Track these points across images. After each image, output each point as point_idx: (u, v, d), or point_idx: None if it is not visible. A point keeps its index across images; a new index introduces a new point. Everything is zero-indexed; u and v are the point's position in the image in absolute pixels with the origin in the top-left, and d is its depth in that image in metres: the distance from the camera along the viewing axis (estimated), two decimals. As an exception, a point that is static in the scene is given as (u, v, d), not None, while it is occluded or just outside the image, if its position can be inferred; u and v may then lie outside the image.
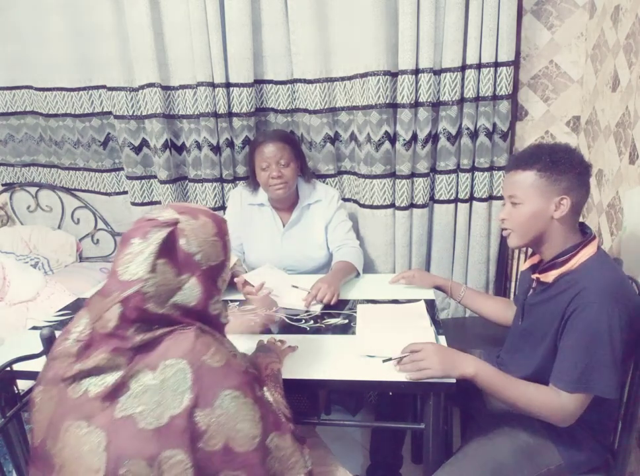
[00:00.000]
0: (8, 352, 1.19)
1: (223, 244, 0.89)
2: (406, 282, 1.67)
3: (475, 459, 1.19)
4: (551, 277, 1.19)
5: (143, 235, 0.80)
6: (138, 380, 0.75)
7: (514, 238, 1.23)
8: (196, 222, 0.85)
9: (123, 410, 0.74)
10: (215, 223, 0.88)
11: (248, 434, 0.78)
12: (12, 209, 2.57)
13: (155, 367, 0.76)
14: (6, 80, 2.32)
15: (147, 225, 0.82)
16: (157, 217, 0.83)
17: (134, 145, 2.15)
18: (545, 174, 1.14)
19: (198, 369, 0.76)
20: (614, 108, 1.61)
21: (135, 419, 0.73)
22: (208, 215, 0.89)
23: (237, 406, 0.78)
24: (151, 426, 0.73)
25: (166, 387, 0.74)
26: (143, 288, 0.77)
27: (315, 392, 1.27)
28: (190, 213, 0.86)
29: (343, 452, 1.86)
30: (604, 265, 1.15)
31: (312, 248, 1.87)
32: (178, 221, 0.83)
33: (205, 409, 0.75)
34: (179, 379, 0.75)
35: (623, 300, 1.08)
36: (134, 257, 0.79)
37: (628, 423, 1.21)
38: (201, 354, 0.78)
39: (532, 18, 1.89)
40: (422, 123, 1.86)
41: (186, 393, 0.74)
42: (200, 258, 0.83)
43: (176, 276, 0.81)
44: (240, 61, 1.91)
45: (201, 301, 0.83)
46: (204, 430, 0.74)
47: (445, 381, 1.12)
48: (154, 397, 0.74)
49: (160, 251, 0.79)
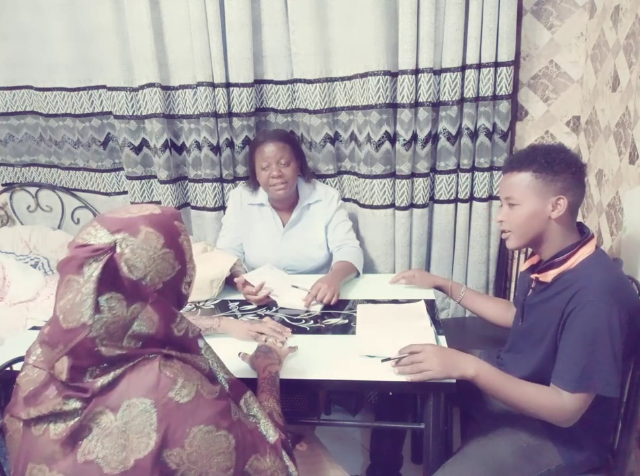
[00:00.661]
0: (8, 352, 1.19)
1: (177, 252, 0.78)
2: (406, 282, 1.68)
3: (475, 459, 1.19)
4: (549, 277, 1.19)
5: (77, 270, 0.71)
6: (99, 423, 0.70)
7: (512, 239, 1.23)
8: (136, 239, 0.74)
9: (86, 454, 0.69)
10: (162, 231, 0.77)
11: (222, 467, 0.74)
12: (12, 209, 2.57)
13: (116, 407, 0.70)
14: (6, 80, 2.32)
15: (80, 254, 0.72)
16: (88, 242, 0.73)
17: (134, 145, 2.15)
18: (540, 175, 1.15)
19: (163, 408, 0.71)
20: (614, 108, 1.61)
21: (99, 464, 0.69)
22: (151, 222, 0.76)
23: (208, 441, 0.73)
24: (115, 471, 0.69)
25: (130, 429, 0.69)
26: (90, 334, 0.70)
27: (315, 392, 1.27)
28: (126, 228, 0.74)
29: (343, 452, 1.86)
30: (602, 264, 1.16)
31: (312, 248, 1.87)
32: (115, 244, 0.72)
33: (175, 449, 0.70)
34: (144, 420, 0.70)
35: (621, 298, 1.08)
36: (72, 300, 0.71)
37: (628, 423, 1.21)
38: (167, 389, 0.72)
39: (532, 18, 1.89)
40: (422, 123, 1.86)
41: (151, 434, 0.69)
42: (149, 280, 0.74)
43: (126, 308, 0.72)
44: (240, 61, 1.91)
45: (162, 327, 0.76)
46: (174, 470, 0.71)
47: (445, 382, 1.12)
48: (118, 440, 0.69)
49: (101, 287, 0.70)
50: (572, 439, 1.19)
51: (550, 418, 1.12)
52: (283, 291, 1.61)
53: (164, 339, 0.77)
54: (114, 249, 0.72)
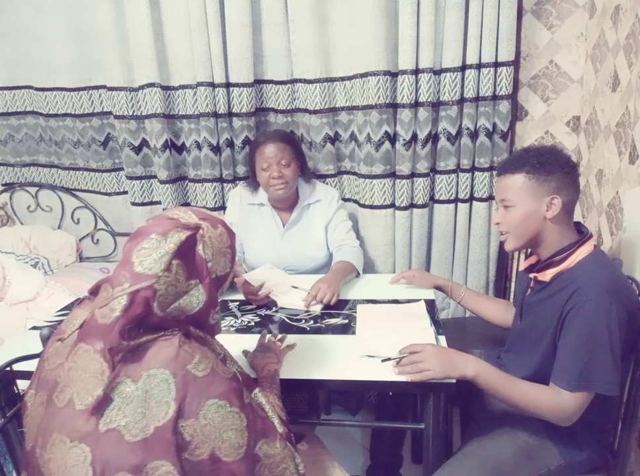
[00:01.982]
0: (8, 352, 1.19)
1: (232, 256, 0.90)
2: (406, 282, 1.68)
3: (475, 459, 1.19)
4: (548, 276, 1.20)
5: (164, 233, 0.80)
6: (121, 392, 0.74)
7: (510, 241, 1.24)
8: (215, 231, 0.86)
9: (108, 423, 0.72)
10: (229, 235, 0.90)
11: (234, 444, 0.77)
12: (12, 209, 2.57)
13: (137, 377, 0.74)
14: (6, 80, 2.32)
15: (169, 223, 0.82)
16: (179, 218, 0.84)
17: (134, 145, 2.15)
18: (534, 176, 1.16)
19: (181, 379, 0.75)
20: (614, 108, 1.61)
21: (121, 432, 0.72)
22: (224, 226, 0.90)
23: (221, 415, 0.76)
24: (136, 438, 0.72)
25: (150, 398, 0.73)
26: (155, 285, 0.76)
27: (315, 392, 1.27)
28: (209, 220, 0.87)
29: (343, 452, 1.86)
30: (601, 263, 1.16)
31: (312, 248, 1.87)
32: (200, 227, 0.84)
33: (189, 420, 0.74)
34: (163, 390, 0.74)
35: (620, 297, 1.09)
36: (151, 252, 0.78)
37: (628, 423, 1.21)
38: (185, 362, 0.76)
39: (532, 18, 1.89)
40: (422, 123, 1.86)
41: (170, 403, 0.73)
42: (211, 266, 0.84)
43: (186, 279, 0.80)
44: (240, 61, 1.91)
45: (204, 309, 0.83)
46: (189, 441, 0.73)
47: (445, 382, 1.12)
48: (138, 409, 0.73)
49: (178, 252, 0.79)
50: (572, 439, 1.20)
51: (550, 417, 1.12)
52: (283, 291, 1.60)
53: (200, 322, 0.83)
54: (198, 229, 0.83)
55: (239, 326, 1.46)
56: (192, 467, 0.74)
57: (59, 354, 0.81)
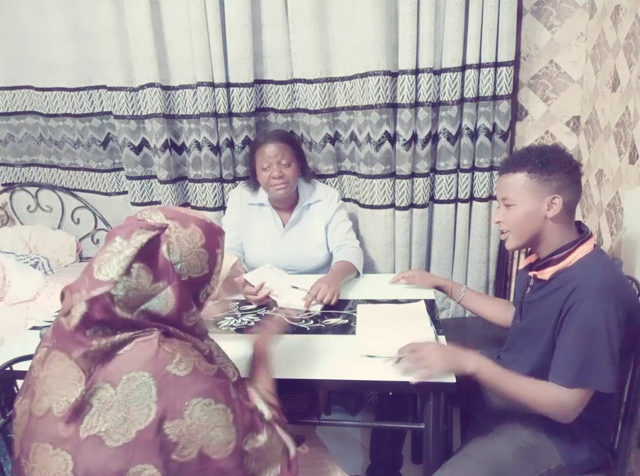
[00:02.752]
0: (8, 352, 1.19)
1: (211, 257, 0.84)
2: (406, 282, 1.67)
3: (475, 459, 1.19)
4: (547, 275, 1.20)
5: (127, 235, 0.78)
6: (100, 397, 0.73)
7: (511, 239, 1.24)
8: (185, 230, 0.81)
9: (89, 429, 0.72)
10: (206, 234, 0.84)
11: (222, 441, 0.76)
12: (12, 209, 2.57)
13: (116, 381, 0.73)
14: (6, 80, 2.32)
15: (135, 225, 0.79)
16: (146, 218, 0.81)
17: (134, 145, 2.15)
18: (535, 175, 1.16)
19: (162, 380, 0.74)
20: (614, 108, 1.61)
21: (102, 438, 0.71)
22: (201, 224, 0.84)
23: (207, 413, 0.75)
24: (118, 443, 0.71)
25: (131, 402, 0.72)
26: (112, 290, 0.74)
27: (315, 392, 1.27)
28: (180, 219, 0.82)
29: (343, 452, 1.86)
30: (601, 262, 1.16)
31: (312, 248, 1.87)
32: (166, 227, 0.80)
33: (174, 420, 0.73)
34: (143, 393, 0.73)
35: (619, 296, 1.09)
36: (112, 256, 0.76)
37: (628, 423, 1.21)
38: (165, 363, 0.75)
39: (532, 18, 1.89)
40: (422, 123, 1.86)
41: (151, 406, 0.72)
42: (180, 268, 0.80)
43: (151, 282, 0.77)
44: (240, 61, 1.91)
45: (174, 311, 0.80)
46: (175, 442, 0.72)
47: (445, 381, 1.12)
48: (119, 413, 0.72)
49: (139, 255, 0.76)
50: (572, 439, 1.19)
51: (549, 414, 1.12)
52: (283, 291, 1.60)
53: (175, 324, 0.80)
54: (164, 230, 0.80)
55: (239, 326, 1.46)
56: (179, 468, 0.73)
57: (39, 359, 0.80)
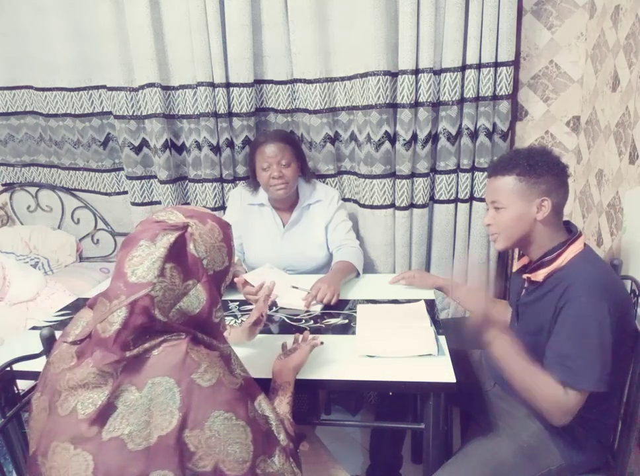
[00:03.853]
0: (8, 352, 1.19)
1: (228, 250, 0.88)
2: (406, 283, 1.68)
3: (475, 459, 1.19)
4: (540, 276, 1.20)
5: (152, 238, 0.79)
6: (125, 400, 0.73)
7: (500, 241, 1.26)
8: (204, 227, 0.84)
9: (111, 431, 0.72)
10: (222, 228, 0.87)
11: (239, 458, 0.76)
12: (12, 209, 2.57)
13: (141, 385, 0.73)
14: (6, 80, 2.32)
15: (156, 227, 0.80)
16: (165, 220, 0.82)
17: (134, 145, 2.15)
18: (524, 178, 1.17)
19: (186, 389, 0.74)
20: (614, 108, 1.61)
21: (124, 441, 0.71)
22: (215, 219, 0.88)
23: (227, 428, 0.75)
24: (139, 446, 0.71)
25: (155, 406, 0.72)
26: (151, 292, 0.75)
27: (315, 392, 1.27)
28: (198, 217, 0.85)
29: (343, 452, 1.86)
30: (591, 261, 1.17)
31: (312, 248, 1.87)
32: (188, 225, 0.82)
33: (195, 430, 0.73)
34: (167, 399, 0.73)
35: (611, 294, 1.09)
36: (143, 260, 0.77)
37: (628, 423, 1.21)
38: (191, 371, 0.75)
39: (532, 18, 1.89)
40: (422, 123, 1.86)
41: (174, 412, 0.72)
42: (206, 264, 0.82)
43: (182, 281, 0.79)
44: (240, 61, 1.91)
45: (206, 308, 0.81)
46: (193, 451, 0.72)
47: (445, 381, 1.12)
48: (142, 417, 0.72)
49: (169, 255, 0.78)
50: (572, 439, 1.20)
51: (546, 409, 1.11)
52: (283, 291, 1.60)
53: (201, 321, 0.81)
54: (186, 228, 0.81)
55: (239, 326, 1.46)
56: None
57: (63, 358, 0.80)
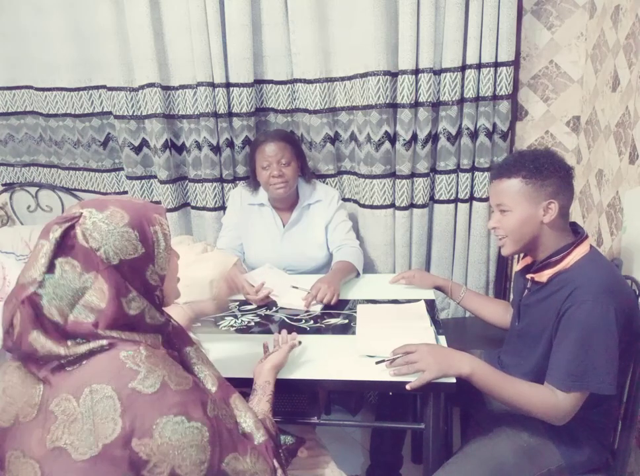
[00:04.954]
0: (8, 352, 1.19)
1: (142, 235, 0.79)
2: (406, 282, 1.68)
3: (475, 459, 1.19)
4: (545, 277, 1.20)
5: (45, 234, 0.76)
6: (64, 409, 0.71)
7: (508, 245, 1.24)
8: (101, 214, 0.77)
9: (54, 441, 0.70)
10: (130, 213, 0.79)
11: (195, 461, 0.73)
12: (12, 209, 2.57)
13: (77, 394, 0.71)
14: (6, 80, 2.31)
15: (51, 223, 0.77)
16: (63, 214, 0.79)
17: (134, 145, 2.14)
18: (530, 181, 1.16)
19: (127, 397, 0.71)
20: (614, 108, 1.61)
21: (68, 450, 0.69)
22: (123, 205, 0.80)
23: (179, 433, 0.72)
24: (84, 456, 0.69)
25: (95, 415, 0.70)
26: (37, 289, 0.73)
27: (315, 392, 1.27)
28: (97, 205, 0.79)
29: (343, 452, 1.86)
30: (598, 263, 1.16)
31: (312, 248, 1.87)
32: (80, 216, 0.77)
33: (144, 439, 0.70)
34: (107, 406, 0.70)
35: (618, 298, 1.09)
36: (33, 259, 0.75)
37: (628, 423, 1.21)
38: (129, 379, 0.72)
39: (532, 18, 1.89)
40: (422, 123, 1.86)
41: (117, 420, 0.70)
42: (103, 252, 0.75)
43: (79, 275, 0.74)
44: (240, 61, 1.91)
45: (111, 299, 0.75)
46: (146, 460, 0.70)
47: (445, 381, 1.12)
48: (84, 426, 0.70)
49: (59, 249, 0.74)
50: (572, 439, 1.20)
51: (544, 416, 1.12)
52: (283, 291, 1.61)
53: (115, 316, 0.76)
54: (77, 219, 0.76)
55: (239, 326, 1.46)
56: None
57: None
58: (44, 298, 0.73)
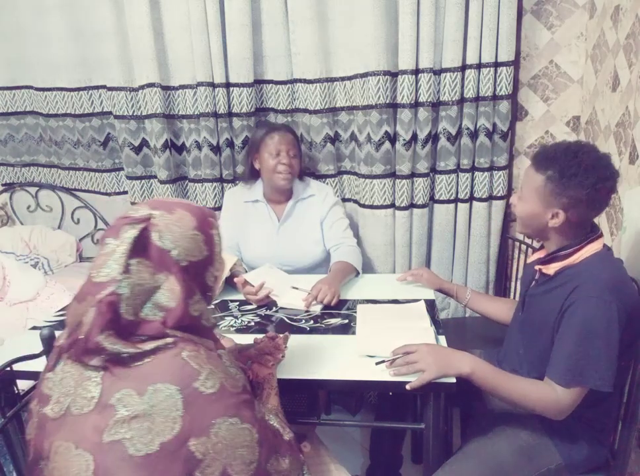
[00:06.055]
0: (8, 352, 1.19)
1: (207, 238, 0.83)
2: (413, 279, 1.67)
3: (475, 459, 1.19)
4: (552, 270, 1.20)
5: (116, 234, 0.77)
6: (126, 404, 0.71)
7: (518, 225, 1.30)
8: (172, 216, 0.80)
9: (112, 434, 0.70)
10: (195, 216, 0.83)
11: (246, 460, 0.75)
12: (12, 209, 2.57)
13: (142, 390, 0.72)
14: (6, 80, 2.32)
15: (121, 223, 0.78)
16: (131, 215, 0.80)
17: (134, 145, 2.15)
18: (551, 184, 1.13)
19: (188, 396, 0.72)
20: (614, 108, 1.61)
21: (124, 445, 0.70)
22: (187, 208, 0.83)
23: (233, 433, 0.74)
24: (140, 452, 0.69)
25: (157, 413, 0.71)
26: (117, 289, 0.74)
27: (315, 392, 1.27)
28: (165, 207, 0.81)
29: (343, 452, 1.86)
30: (607, 262, 1.16)
31: (308, 243, 1.87)
32: (152, 217, 0.79)
33: (201, 438, 0.72)
34: (169, 405, 0.71)
35: (621, 297, 1.08)
36: (107, 258, 0.75)
37: (628, 423, 1.21)
38: (192, 379, 0.73)
39: (532, 18, 1.89)
40: (422, 123, 1.86)
41: (177, 419, 0.71)
42: (176, 254, 0.78)
43: (152, 275, 0.77)
44: (240, 61, 1.91)
45: (181, 300, 0.78)
46: (200, 459, 0.71)
47: (445, 381, 1.12)
48: (144, 423, 0.70)
49: (133, 250, 0.75)
50: (572, 438, 1.20)
51: (544, 412, 1.12)
52: (283, 291, 1.60)
53: (182, 316, 0.78)
54: (149, 220, 0.78)
55: (239, 326, 1.46)
56: None
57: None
58: (123, 297, 0.74)
